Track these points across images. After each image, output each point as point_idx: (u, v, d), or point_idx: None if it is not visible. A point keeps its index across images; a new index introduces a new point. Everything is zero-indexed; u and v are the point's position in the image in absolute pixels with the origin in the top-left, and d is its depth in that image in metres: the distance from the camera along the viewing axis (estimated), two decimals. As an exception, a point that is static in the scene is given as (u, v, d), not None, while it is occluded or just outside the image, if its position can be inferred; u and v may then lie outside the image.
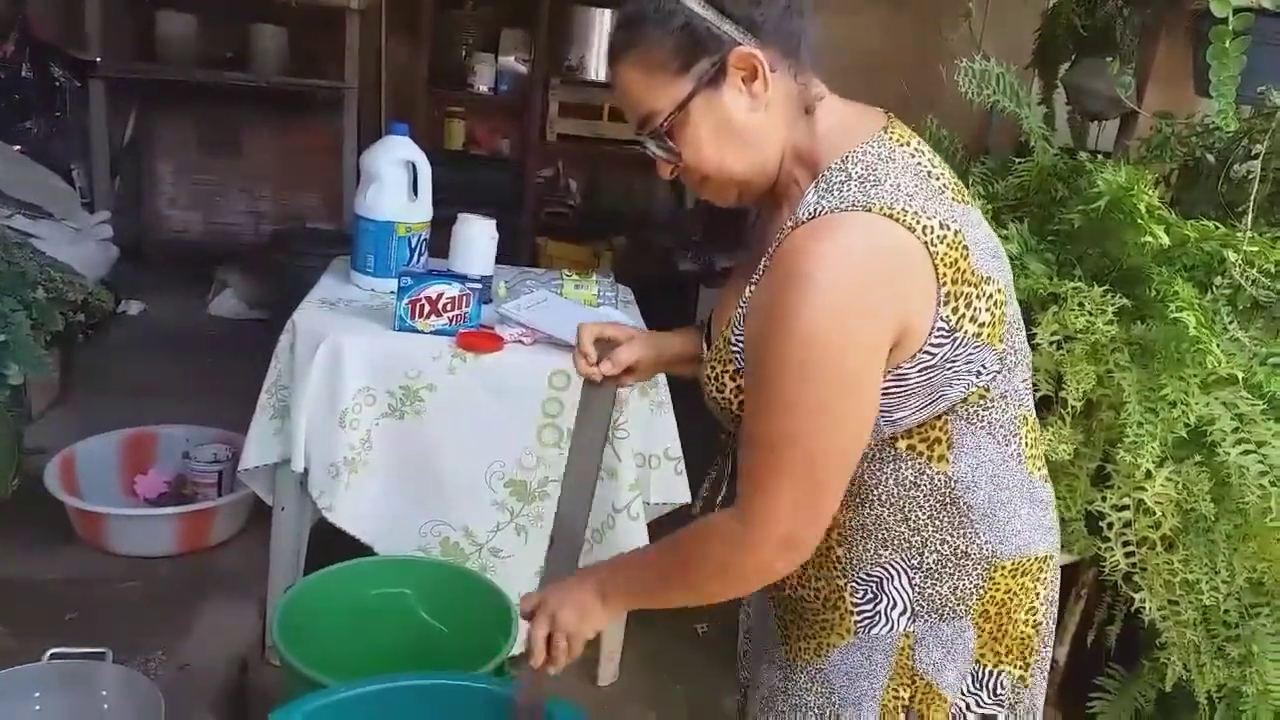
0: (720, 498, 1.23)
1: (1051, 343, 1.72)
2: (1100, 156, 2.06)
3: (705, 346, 1.19)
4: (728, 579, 1.02)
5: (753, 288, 1.01)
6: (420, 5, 4.60)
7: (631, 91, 1.02)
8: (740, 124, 1.01)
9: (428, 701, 1.38)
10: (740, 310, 1.03)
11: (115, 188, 4.22)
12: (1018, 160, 2.09)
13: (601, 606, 1.10)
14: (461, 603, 1.83)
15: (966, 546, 1.06)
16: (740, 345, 1.02)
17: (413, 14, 4.62)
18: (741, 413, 1.03)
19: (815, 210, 0.95)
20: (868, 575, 1.08)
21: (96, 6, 3.96)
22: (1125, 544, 1.69)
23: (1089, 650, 2.00)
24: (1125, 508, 1.68)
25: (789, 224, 0.98)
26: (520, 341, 2.08)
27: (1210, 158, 2.01)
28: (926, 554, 1.06)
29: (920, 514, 1.05)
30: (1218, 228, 1.74)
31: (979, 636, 1.09)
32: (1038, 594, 1.12)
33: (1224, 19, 1.69)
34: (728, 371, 1.04)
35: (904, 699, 1.09)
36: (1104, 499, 1.70)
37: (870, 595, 1.08)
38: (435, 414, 2.00)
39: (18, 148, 3.65)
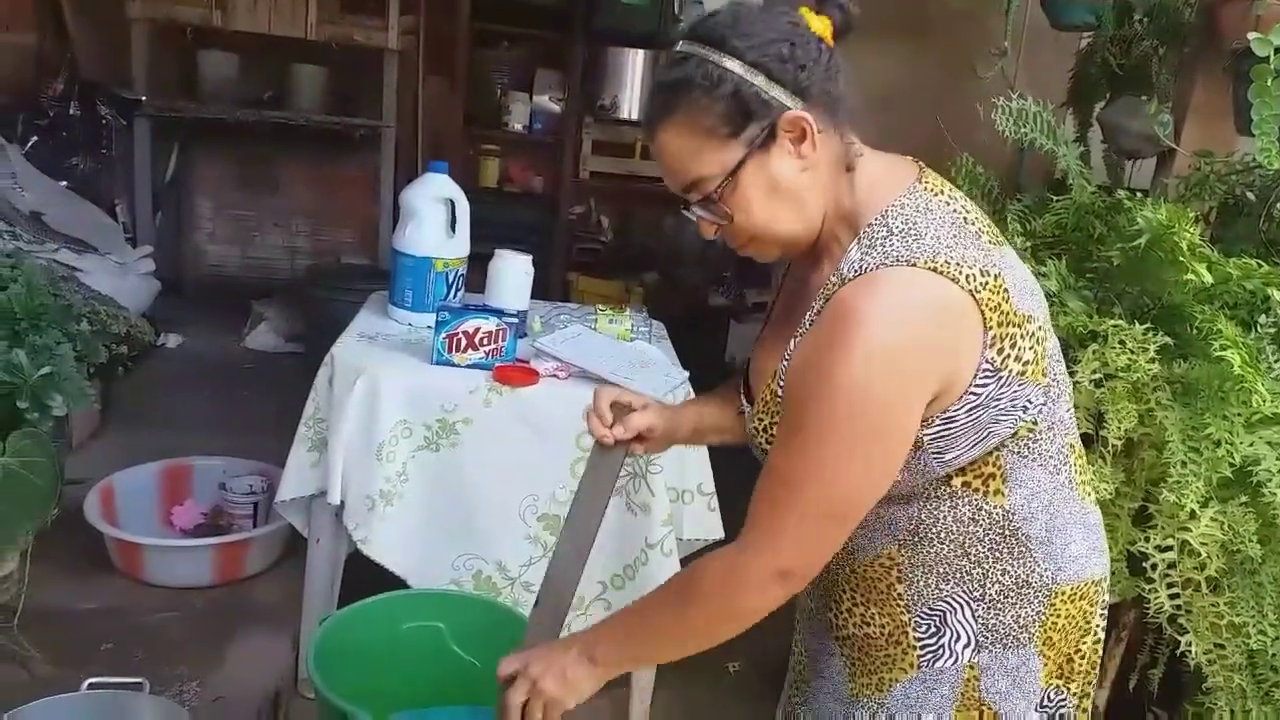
0: None
1: (1092, 381, 1.70)
2: (1138, 194, 2.06)
3: (745, 400, 1.19)
4: (723, 612, 1.01)
5: (798, 341, 1.03)
6: (456, 46, 4.69)
7: (677, 156, 1.02)
8: (789, 185, 1.02)
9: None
10: (785, 364, 1.04)
11: (157, 223, 4.32)
12: (1055, 198, 2.08)
13: (588, 671, 1.07)
14: (494, 637, 1.82)
15: (1027, 575, 1.07)
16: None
17: (449, 55, 4.70)
18: None
19: (861, 267, 0.97)
20: (930, 610, 1.08)
21: (142, 47, 4.07)
22: (1169, 585, 1.66)
23: (1130, 694, 1.96)
24: (1169, 548, 1.66)
25: (834, 279, 1.00)
26: (555, 376, 2.09)
27: (1251, 196, 1.99)
28: (988, 585, 1.07)
29: (980, 547, 1.06)
30: (1260, 265, 1.73)
31: (1045, 665, 1.09)
32: (1095, 616, 1.13)
33: (1265, 58, 1.69)
34: (776, 422, 1.05)
35: None
36: (1147, 539, 1.68)
37: (934, 629, 1.08)
38: (471, 447, 2.01)
39: (65, 183, 3.75)
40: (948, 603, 1.07)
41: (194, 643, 2.10)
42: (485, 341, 2.05)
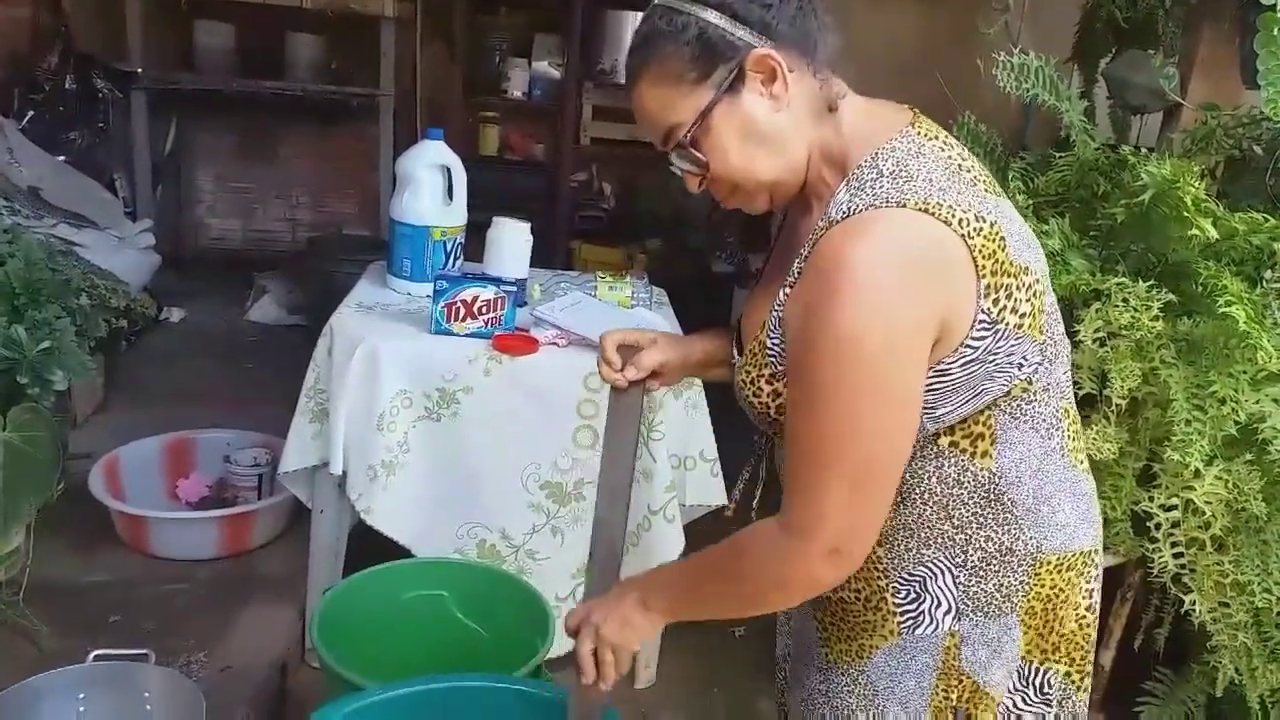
0: (755, 500, 1.22)
1: (1095, 339, 1.69)
2: (1143, 150, 2.03)
3: (736, 351, 1.17)
4: (773, 589, 1.01)
5: (788, 290, 1.00)
6: (454, 12, 4.63)
7: (652, 108, 1.02)
8: (764, 127, 1.00)
9: (466, 703, 1.38)
10: (776, 313, 1.02)
11: (156, 196, 4.30)
12: (1058, 155, 2.05)
13: (645, 617, 1.08)
14: (498, 604, 1.83)
15: (1011, 543, 1.04)
16: (776, 349, 1.01)
17: (447, 21, 4.65)
18: (779, 416, 1.02)
19: (849, 209, 0.94)
20: (910, 575, 1.06)
21: (137, 18, 4.03)
22: (1174, 545, 1.66)
23: (1135, 654, 1.96)
24: (1173, 508, 1.65)
25: (822, 224, 0.97)
26: (555, 344, 2.08)
27: (1258, 149, 1.97)
28: (970, 551, 1.05)
29: (964, 511, 1.04)
30: (1267, 220, 1.70)
31: (1025, 634, 1.08)
32: (1082, 589, 1.11)
33: (1272, 6, 1.65)
34: (763, 376, 1.03)
35: (952, 700, 1.07)
36: (1151, 499, 1.67)
37: (913, 595, 1.06)
38: (471, 416, 2.00)
39: (62, 158, 3.72)
40: (928, 568, 1.05)
41: (200, 614, 2.11)
42: (484, 310, 2.04)
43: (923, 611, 1.06)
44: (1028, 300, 0.97)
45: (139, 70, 4.03)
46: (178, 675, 1.71)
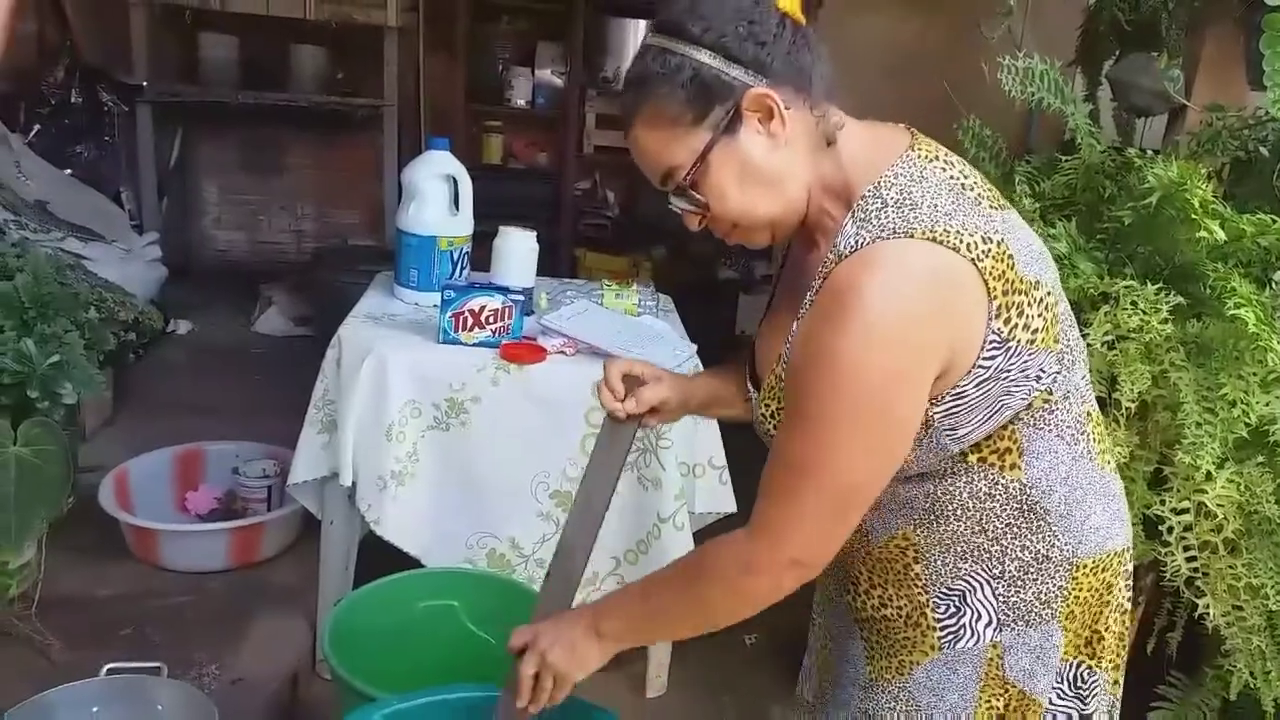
0: None
1: (1104, 343, 1.68)
2: (1149, 153, 2.03)
3: (751, 385, 1.17)
4: (735, 598, 1.01)
5: (799, 322, 1.00)
6: (457, 22, 4.65)
7: (649, 150, 1.02)
8: (762, 165, 1.00)
9: (477, 714, 1.37)
10: (788, 347, 1.02)
11: (163, 209, 4.31)
12: (1064, 158, 2.05)
13: (596, 645, 1.08)
14: (509, 614, 1.81)
15: (1047, 550, 1.05)
16: None
17: (449, 31, 4.67)
18: None
19: (857, 242, 0.94)
20: (949, 589, 1.06)
21: (142, 31, 4.05)
22: (1186, 548, 1.65)
23: (1148, 658, 1.95)
24: (1185, 511, 1.64)
25: (831, 257, 0.97)
26: (563, 352, 2.08)
27: (1264, 151, 1.96)
28: (1007, 562, 1.05)
29: (998, 524, 1.04)
30: (1275, 221, 1.70)
31: (1067, 638, 1.08)
32: (1118, 588, 1.11)
33: (1277, 7, 1.65)
34: (783, 409, 1.03)
35: (998, 708, 1.07)
36: (1162, 502, 1.66)
37: (953, 609, 1.06)
38: (480, 425, 2.01)
39: (68, 171, 3.74)
40: (966, 581, 1.05)
41: (211, 626, 2.12)
42: (491, 319, 2.04)
43: (963, 625, 1.06)
44: (1039, 315, 0.97)
45: (144, 83, 4.06)
46: (190, 688, 1.71)
